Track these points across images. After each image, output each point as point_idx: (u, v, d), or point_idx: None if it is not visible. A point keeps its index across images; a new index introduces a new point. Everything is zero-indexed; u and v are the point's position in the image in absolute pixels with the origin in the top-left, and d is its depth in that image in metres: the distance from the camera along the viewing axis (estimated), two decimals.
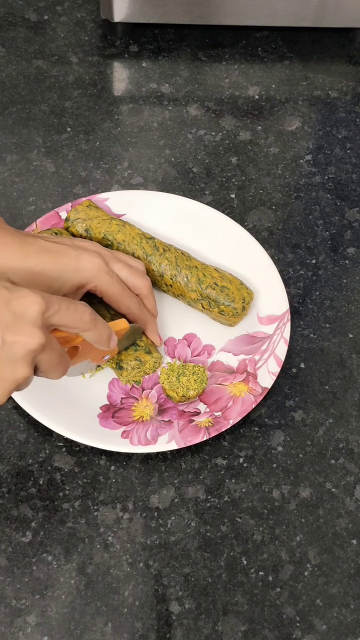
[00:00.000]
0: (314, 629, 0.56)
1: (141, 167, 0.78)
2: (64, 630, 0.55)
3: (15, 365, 0.47)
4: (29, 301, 0.47)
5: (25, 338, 0.46)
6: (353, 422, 0.65)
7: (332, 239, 0.75)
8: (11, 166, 0.77)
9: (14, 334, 0.46)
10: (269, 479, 0.62)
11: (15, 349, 0.46)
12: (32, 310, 0.47)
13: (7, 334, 0.46)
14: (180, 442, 0.60)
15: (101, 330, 0.53)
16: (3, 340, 0.46)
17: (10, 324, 0.46)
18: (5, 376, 0.47)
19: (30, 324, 0.47)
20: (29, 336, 0.46)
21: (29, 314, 0.47)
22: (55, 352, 0.49)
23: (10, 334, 0.46)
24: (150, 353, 0.63)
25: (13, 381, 0.47)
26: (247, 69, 0.86)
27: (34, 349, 0.47)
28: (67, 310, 0.50)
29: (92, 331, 0.53)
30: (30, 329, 0.47)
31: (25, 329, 0.46)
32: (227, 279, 0.66)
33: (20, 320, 0.46)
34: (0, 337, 0.46)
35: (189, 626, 0.56)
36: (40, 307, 0.47)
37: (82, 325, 0.52)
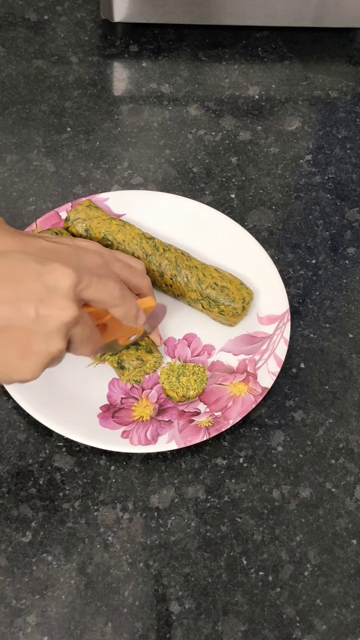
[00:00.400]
0: (314, 629, 0.56)
1: (141, 167, 0.78)
2: (64, 630, 0.55)
3: (49, 338, 0.46)
4: (61, 274, 0.47)
5: (59, 311, 0.46)
6: (353, 422, 0.65)
7: (332, 239, 0.75)
8: (11, 166, 0.77)
9: (48, 307, 0.46)
10: (269, 479, 0.62)
11: (50, 322, 0.46)
12: (65, 283, 0.47)
13: (40, 307, 0.46)
14: (180, 442, 0.60)
15: (129, 306, 0.53)
16: (37, 314, 0.46)
17: (43, 298, 0.46)
18: (40, 350, 0.47)
19: (63, 297, 0.47)
20: (62, 309, 0.46)
21: (61, 287, 0.47)
22: (87, 326, 0.49)
23: (44, 307, 0.46)
24: (152, 352, 0.63)
25: (47, 355, 0.47)
26: (247, 69, 0.86)
27: (68, 321, 0.47)
28: (98, 284, 0.50)
29: (120, 307, 0.52)
30: (63, 301, 0.46)
31: (59, 302, 0.46)
32: (227, 279, 0.66)
33: (53, 294, 0.46)
34: (34, 311, 0.46)
35: (189, 626, 0.56)
36: (73, 280, 0.47)
37: (111, 301, 0.51)
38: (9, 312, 0.46)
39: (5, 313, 0.45)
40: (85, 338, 0.50)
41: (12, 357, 0.46)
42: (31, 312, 0.46)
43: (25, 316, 0.46)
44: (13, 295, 0.46)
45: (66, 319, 0.46)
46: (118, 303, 0.52)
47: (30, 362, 0.47)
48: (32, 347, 0.46)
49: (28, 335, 0.46)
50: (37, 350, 0.47)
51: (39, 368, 0.47)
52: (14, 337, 0.46)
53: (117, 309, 0.53)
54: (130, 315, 0.54)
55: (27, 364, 0.47)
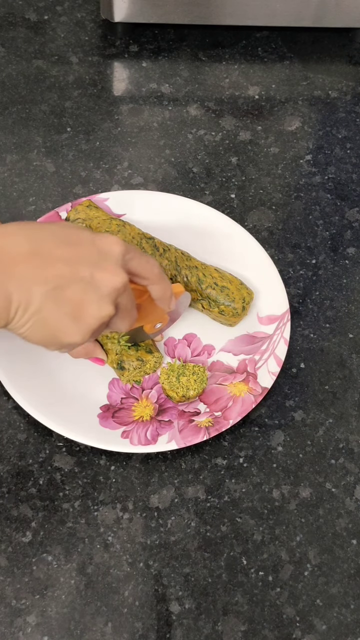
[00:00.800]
0: (314, 629, 0.56)
1: (141, 167, 0.78)
2: (64, 630, 0.55)
3: (102, 302, 0.48)
4: (112, 242, 0.49)
5: (111, 275, 0.48)
6: (353, 422, 0.65)
7: (332, 239, 0.75)
8: (11, 166, 0.77)
9: (102, 271, 0.48)
10: (269, 479, 0.62)
11: (103, 285, 0.48)
12: (116, 250, 0.49)
13: (95, 270, 0.48)
14: (180, 442, 0.60)
15: (166, 285, 0.55)
16: (92, 276, 0.47)
17: (97, 262, 0.48)
18: (92, 312, 0.48)
19: (115, 263, 0.49)
20: (115, 274, 0.48)
21: (113, 254, 0.49)
22: (130, 297, 0.51)
23: (98, 271, 0.48)
24: (152, 353, 0.63)
25: (99, 318, 0.48)
26: (247, 69, 0.86)
27: (119, 287, 0.48)
28: (141, 258, 0.52)
29: (158, 285, 0.54)
30: (115, 267, 0.48)
31: (111, 267, 0.48)
32: (227, 279, 0.66)
33: (106, 259, 0.48)
34: (90, 273, 0.47)
35: (189, 626, 0.56)
36: (122, 248, 0.49)
37: (152, 277, 0.53)
38: (66, 271, 0.47)
39: (63, 272, 0.47)
40: (128, 310, 0.51)
41: (65, 318, 0.48)
42: (87, 274, 0.47)
43: (81, 277, 0.47)
44: (71, 255, 0.47)
45: (117, 284, 0.48)
46: (157, 280, 0.54)
47: (81, 324, 0.48)
48: (85, 309, 0.48)
49: (82, 296, 0.47)
50: (89, 313, 0.48)
51: (88, 331, 0.49)
52: (68, 297, 0.47)
53: (156, 287, 0.54)
54: (166, 295, 0.56)
55: (79, 326, 0.48)
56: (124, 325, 0.52)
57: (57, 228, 0.49)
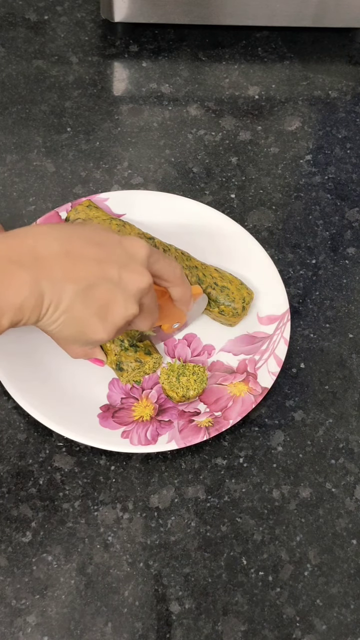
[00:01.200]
0: (314, 629, 0.56)
1: (141, 167, 0.78)
2: (64, 630, 0.55)
3: (127, 301, 0.50)
4: (138, 244, 0.50)
5: (138, 276, 0.50)
6: (353, 422, 0.65)
7: (332, 239, 0.75)
8: (11, 166, 0.77)
9: (129, 272, 0.49)
10: (269, 479, 0.62)
11: (130, 285, 0.49)
12: (142, 252, 0.50)
13: (123, 270, 0.49)
14: (180, 442, 0.60)
15: (187, 288, 0.57)
16: (120, 276, 0.49)
17: (125, 262, 0.49)
18: (118, 311, 0.50)
19: (141, 264, 0.50)
20: (141, 275, 0.50)
21: (139, 255, 0.50)
22: (153, 297, 0.53)
23: (126, 271, 0.49)
24: (150, 354, 0.63)
25: (124, 317, 0.50)
26: (247, 69, 0.86)
27: (145, 287, 0.50)
28: (164, 260, 0.53)
29: (179, 287, 0.56)
30: (141, 268, 0.50)
31: (138, 268, 0.50)
32: (227, 279, 0.66)
33: (133, 260, 0.50)
34: (118, 273, 0.49)
35: (189, 626, 0.56)
36: (147, 250, 0.51)
37: (174, 279, 0.55)
38: (96, 271, 0.48)
39: (93, 271, 0.48)
40: (151, 310, 0.53)
41: (92, 316, 0.49)
42: (115, 274, 0.49)
43: (109, 277, 0.49)
44: (101, 256, 0.49)
45: (143, 284, 0.50)
46: (179, 283, 0.55)
47: (107, 323, 0.50)
48: (111, 308, 0.49)
49: (109, 295, 0.49)
50: (115, 311, 0.49)
51: (113, 329, 0.50)
52: (97, 295, 0.49)
53: (177, 289, 0.56)
54: (186, 297, 0.57)
55: (104, 324, 0.50)
56: (146, 324, 0.54)
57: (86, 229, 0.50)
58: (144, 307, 0.52)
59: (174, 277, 0.55)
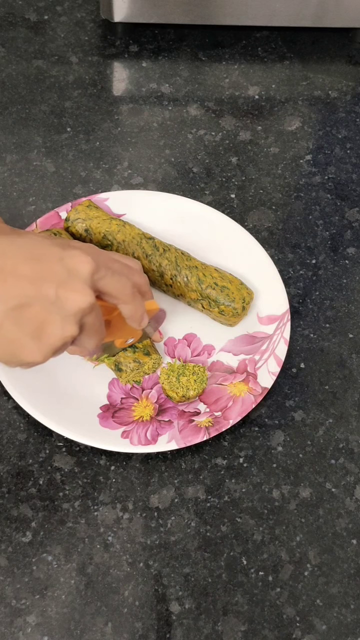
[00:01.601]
0: (314, 629, 0.56)
1: (141, 167, 0.78)
2: (64, 630, 0.55)
3: (65, 322, 0.47)
4: (80, 260, 0.48)
5: (77, 295, 0.47)
6: (353, 422, 0.65)
7: (332, 239, 0.75)
8: (11, 166, 0.77)
9: (67, 290, 0.47)
10: (269, 479, 0.62)
11: (68, 305, 0.47)
12: (84, 269, 0.48)
13: (60, 289, 0.46)
14: (180, 442, 0.60)
15: (138, 305, 0.54)
16: (57, 295, 0.46)
17: (63, 280, 0.47)
18: (54, 332, 0.47)
19: (82, 282, 0.47)
20: (81, 293, 0.47)
21: (81, 273, 0.47)
22: (98, 317, 0.50)
23: (64, 290, 0.46)
24: (149, 354, 0.63)
25: (61, 338, 0.47)
26: (247, 69, 0.86)
27: (85, 307, 0.47)
28: (112, 277, 0.50)
29: (130, 304, 0.53)
30: (82, 287, 0.47)
31: (78, 286, 0.47)
32: (227, 279, 0.66)
33: (73, 278, 0.47)
34: (55, 292, 0.46)
35: (189, 626, 0.56)
36: (91, 267, 0.48)
37: (123, 296, 0.52)
38: (30, 289, 0.46)
39: (26, 290, 0.46)
40: (95, 329, 0.50)
41: (25, 337, 0.47)
42: (51, 293, 0.46)
43: (45, 296, 0.46)
44: (35, 273, 0.46)
45: (84, 304, 0.47)
46: (128, 300, 0.53)
47: (42, 344, 0.47)
48: (47, 328, 0.47)
49: (45, 315, 0.46)
50: (51, 332, 0.47)
51: (49, 351, 0.48)
52: (30, 315, 0.46)
53: (126, 307, 0.53)
54: (137, 314, 0.54)
55: (39, 345, 0.47)
56: (91, 343, 0.51)
57: (27, 243, 0.47)
58: (86, 327, 0.49)
59: (123, 294, 0.52)
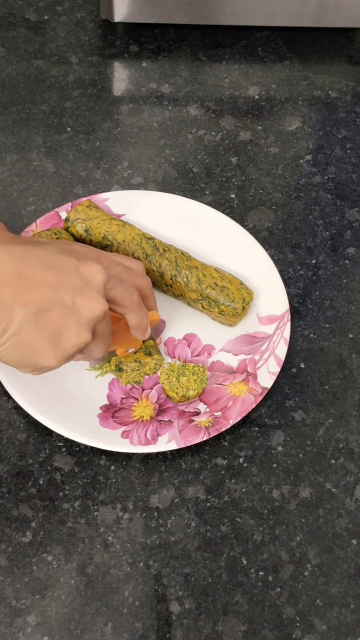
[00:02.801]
0: (314, 629, 0.56)
1: (141, 167, 0.78)
2: (64, 630, 0.55)
3: (80, 329, 0.49)
4: (95, 269, 0.50)
5: (93, 303, 0.49)
6: (353, 422, 0.65)
7: (332, 239, 0.75)
8: (11, 166, 0.77)
9: (83, 298, 0.48)
10: (269, 479, 0.62)
11: (83, 312, 0.48)
12: (98, 278, 0.50)
13: (77, 296, 0.48)
14: (180, 442, 0.60)
15: (143, 315, 0.56)
16: (73, 302, 0.48)
17: (80, 288, 0.49)
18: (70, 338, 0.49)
19: (96, 291, 0.49)
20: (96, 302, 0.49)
21: (95, 282, 0.49)
22: (108, 325, 0.52)
23: (80, 297, 0.48)
24: (151, 355, 0.63)
25: (75, 344, 0.49)
26: (247, 69, 0.86)
27: (99, 314, 0.49)
28: (122, 287, 0.52)
29: (136, 314, 0.55)
30: (97, 295, 0.49)
31: (93, 294, 0.49)
32: (227, 279, 0.66)
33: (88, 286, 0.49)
34: (72, 298, 0.48)
35: (189, 626, 0.56)
36: (104, 276, 0.50)
37: (131, 306, 0.54)
38: (49, 295, 0.47)
39: (46, 296, 0.47)
40: (104, 337, 0.52)
41: (42, 342, 0.48)
42: (69, 299, 0.48)
43: (63, 302, 0.48)
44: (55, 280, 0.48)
45: (98, 311, 0.49)
46: (135, 310, 0.54)
47: (58, 349, 0.49)
48: (63, 334, 0.48)
49: (61, 321, 0.48)
50: (67, 339, 0.48)
51: (64, 356, 0.49)
52: (48, 320, 0.48)
53: (133, 316, 0.55)
54: (142, 324, 0.56)
55: (55, 350, 0.49)
56: (99, 351, 0.53)
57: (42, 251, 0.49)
58: (98, 334, 0.51)
59: (131, 304, 0.54)
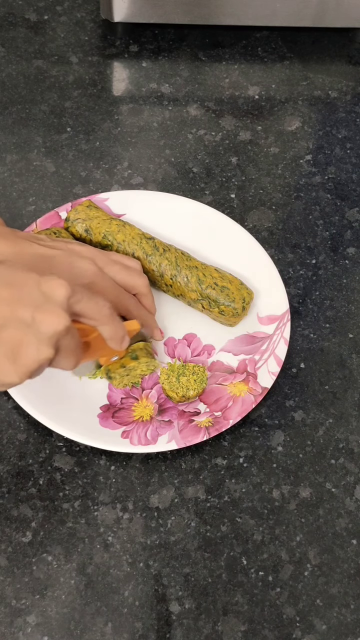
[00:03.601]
0: (314, 629, 0.56)
1: (141, 167, 0.78)
2: (64, 630, 0.55)
3: (40, 345, 0.48)
4: (56, 284, 0.48)
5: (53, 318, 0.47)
6: (353, 422, 0.65)
7: (332, 239, 0.75)
8: (11, 166, 0.77)
9: (43, 313, 0.47)
10: (269, 479, 0.62)
11: (43, 327, 0.47)
12: (60, 293, 0.48)
13: (36, 312, 0.47)
14: (180, 442, 0.60)
15: (117, 327, 0.55)
16: (33, 318, 0.47)
17: (40, 304, 0.47)
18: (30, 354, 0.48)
19: (58, 306, 0.48)
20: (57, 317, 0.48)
21: (56, 296, 0.48)
22: (74, 338, 0.51)
23: (40, 313, 0.47)
24: (137, 358, 0.62)
25: (36, 360, 0.48)
26: (247, 69, 0.86)
27: (60, 330, 0.48)
28: (89, 300, 0.51)
29: (108, 326, 0.54)
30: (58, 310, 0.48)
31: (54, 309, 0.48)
32: (227, 279, 0.66)
33: (49, 302, 0.48)
34: (31, 315, 0.47)
35: (189, 626, 0.56)
36: (67, 291, 0.49)
37: (101, 318, 0.53)
38: (6, 312, 0.47)
39: (3, 312, 0.47)
40: (70, 350, 0.51)
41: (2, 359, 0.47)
42: (27, 316, 0.47)
43: (21, 319, 0.47)
44: (12, 297, 0.47)
45: (59, 327, 0.47)
46: (107, 322, 0.53)
47: (18, 366, 0.48)
48: (23, 351, 0.47)
49: (21, 338, 0.47)
50: (27, 355, 0.47)
51: (25, 372, 0.48)
52: (6, 338, 0.47)
53: (105, 328, 0.54)
54: (117, 336, 0.55)
55: (15, 367, 0.48)
56: (68, 364, 0.52)
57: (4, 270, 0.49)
58: (62, 348, 0.50)
59: (101, 316, 0.53)
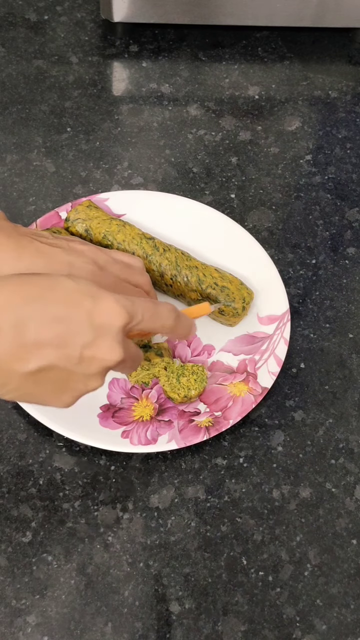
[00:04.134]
0: (314, 629, 0.56)
1: (141, 167, 0.78)
2: (64, 630, 0.55)
3: (89, 379, 0.45)
4: (113, 314, 0.44)
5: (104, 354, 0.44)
6: (353, 422, 0.65)
7: (332, 239, 0.75)
8: (11, 166, 0.77)
9: (93, 350, 0.44)
10: (269, 479, 0.62)
11: (93, 365, 0.45)
12: (116, 324, 0.45)
13: (85, 349, 0.44)
14: (180, 442, 0.60)
15: (184, 326, 0.51)
16: (81, 356, 0.44)
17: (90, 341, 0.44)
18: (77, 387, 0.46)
19: (111, 339, 0.44)
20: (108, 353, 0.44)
21: (111, 329, 0.44)
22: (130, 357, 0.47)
23: (89, 350, 0.44)
24: (162, 356, 0.63)
25: (84, 391, 0.46)
26: (247, 69, 0.86)
27: (111, 365, 0.45)
28: (150, 319, 0.47)
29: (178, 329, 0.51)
30: (110, 344, 0.44)
31: (106, 344, 0.44)
32: (227, 279, 0.66)
33: (101, 335, 0.44)
34: (79, 354, 0.44)
35: (189, 626, 0.56)
36: (124, 321, 0.45)
37: (167, 328, 0.49)
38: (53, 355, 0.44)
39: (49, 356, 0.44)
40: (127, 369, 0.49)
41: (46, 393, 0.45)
42: (75, 355, 0.44)
43: (68, 359, 0.44)
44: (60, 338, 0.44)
45: (110, 363, 0.45)
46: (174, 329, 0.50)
47: (64, 396, 0.46)
48: (69, 385, 0.45)
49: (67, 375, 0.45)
50: (74, 387, 0.46)
51: (72, 401, 0.47)
52: (52, 376, 0.44)
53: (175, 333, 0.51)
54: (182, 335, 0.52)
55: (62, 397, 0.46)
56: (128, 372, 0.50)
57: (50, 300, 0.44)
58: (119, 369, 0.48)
59: (167, 327, 0.49)
